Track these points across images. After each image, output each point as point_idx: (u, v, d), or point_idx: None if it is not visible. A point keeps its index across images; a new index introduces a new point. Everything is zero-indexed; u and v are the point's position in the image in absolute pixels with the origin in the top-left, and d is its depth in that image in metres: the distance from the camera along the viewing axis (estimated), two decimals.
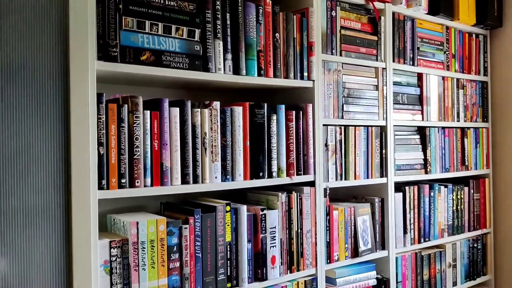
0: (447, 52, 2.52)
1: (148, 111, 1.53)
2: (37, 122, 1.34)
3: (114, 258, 1.47)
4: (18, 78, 1.30)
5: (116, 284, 1.47)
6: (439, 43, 2.48)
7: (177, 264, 1.59)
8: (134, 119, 1.50)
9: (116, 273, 1.47)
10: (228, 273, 1.70)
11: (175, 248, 1.58)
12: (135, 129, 1.50)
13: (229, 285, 1.70)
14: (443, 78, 2.50)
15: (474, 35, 2.69)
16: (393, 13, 2.24)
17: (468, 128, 2.65)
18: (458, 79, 2.59)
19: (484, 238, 2.74)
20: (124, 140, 1.48)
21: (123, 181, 1.48)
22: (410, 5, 2.30)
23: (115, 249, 1.47)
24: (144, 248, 1.51)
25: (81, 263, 1.38)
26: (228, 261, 1.70)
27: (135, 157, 1.50)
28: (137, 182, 1.51)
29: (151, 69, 1.51)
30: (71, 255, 1.38)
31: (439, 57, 2.48)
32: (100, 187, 1.43)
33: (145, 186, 1.53)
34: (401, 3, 2.25)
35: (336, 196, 2.27)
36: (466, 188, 2.62)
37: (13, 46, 1.30)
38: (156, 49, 1.52)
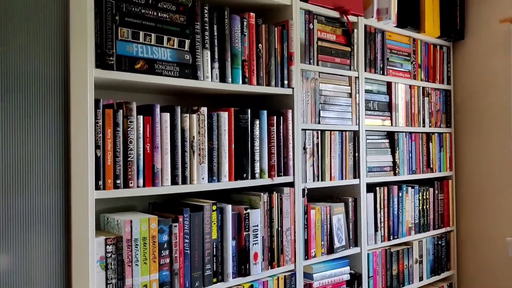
0: (414, 63, 2.69)
1: (141, 116, 1.63)
2: (39, 127, 1.42)
3: (109, 255, 1.55)
4: (21, 85, 1.38)
5: (111, 279, 1.55)
6: (407, 54, 2.65)
7: (167, 260, 1.68)
8: (129, 123, 1.60)
9: (111, 268, 1.56)
10: (214, 269, 1.80)
11: (165, 245, 1.68)
12: (129, 133, 1.60)
13: (215, 280, 1.80)
14: (410, 86, 2.67)
15: (438, 47, 2.88)
16: (365, 26, 2.40)
17: (433, 133, 2.83)
18: (423, 88, 2.77)
19: (448, 235, 2.92)
20: (119, 143, 1.57)
21: (118, 182, 1.57)
22: (380, 18, 2.46)
23: (110, 246, 1.56)
24: (137, 245, 1.60)
25: (79, 259, 1.46)
26: (214, 258, 1.80)
27: (129, 159, 1.59)
28: (131, 182, 1.60)
29: (144, 77, 1.61)
30: (70, 252, 1.46)
31: (407, 67, 2.65)
32: (97, 188, 1.51)
33: (138, 186, 1.62)
34: (372, 17, 2.41)
35: (313, 196, 2.40)
36: (431, 189, 2.80)
37: (17, 56, 1.38)
38: (149, 58, 1.62)
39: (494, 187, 2.82)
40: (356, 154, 2.35)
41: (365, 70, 2.39)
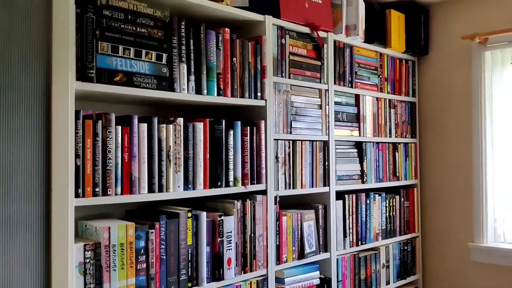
0: (380, 76, 2.83)
1: (120, 127, 1.69)
2: (21, 137, 1.47)
3: (87, 260, 1.60)
4: (5, 96, 1.44)
5: (90, 283, 1.60)
6: (374, 68, 2.78)
7: (144, 265, 1.74)
8: (107, 133, 1.66)
9: (89, 273, 1.61)
10: (189, 274, 1.87)
11: (142, 251, 1.74)
12: (108, 142, 1.66)
13: (190, 284, 1.87)
14: (377, 98, 2.80)
15: (404, 61, 3.02)
16: (335, 41, 2.51)
17: (399, 143, 2.96)
18: (390, 100, 2.90)
19: (413, 241, 3.05)
20: (98, 152, 1.63)
21: (97, 189, 1.62)
22: (349, 34, 2.59)
23: (89, 251, 1.61)
24: (115, 251, 1.66)
25: (59, 265, 1.51)
26: (189, 263, 1.87)
27: (107, 168, 1.65)
28: (109, 190, 1.66)
29: (123, 89, 1.68)
30: (50, 257, 1.51)
31: (374, 80, 2.78)
32: (77, 195, 1.57)
33: (116, 194, 1.68)
34: (341, 33, 2.53)
35: (285, 203, 2.48)
36: (397, 197, 2.92)
37: (0, 69, 1.43)
38: (128, 71, 1.69)
39: (456, 195, 2.97)
40: (326, 163, 2.45)
41: (335, 83, 2.51)
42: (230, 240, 2.00)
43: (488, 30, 2.77)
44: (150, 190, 1.77)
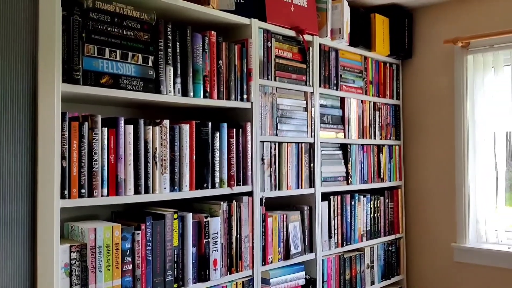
0: (365, 79, 2.87)
1: (106, 128, 1.70)
2: (7, 138, 1.47)
3: (73, 261, 1.61)
4: None
5: (75, 285, 1.61)
6: (359, 71, 2.82)
7: (130, 266, 1.75)
8: (93, 135, 1.67)
9: (75, 275, 1.61)
10: (175, 275, 1.88)
11: (128, 252, 1.75)
12: (94, 144, 1.67)
13: (176, 285, 1.88)
14: (362, 101, 2.84)
15: (388, 64, 3.07)
16: (320, 45, 2.55)
17: (383, 145, 3.00)
18: (374, 103, 2.94)
19: (398, 242, 3.09)
20: (84, 154, 1.64)
21: (83, 191, 1.63)
22: (334, 38, 2.62)
23: (75, 253, 1.62)
24: (101, 252, 1.67)
25: (44, 266, 1.52)
26: (175, 264, 1.88)
27: (93, 169, 1.66)
28: (95, 192, 1.67)
29: (109, 91, 1.69)
30: (35, 259, 1.51)
31: (359, 83, 2.82)
32: (63, 197, 1.57)
33: (102, 195, 1.69)
34: (326, 36, 2.57)
35: (271, 204, 2.51)
36: (382, 198, 2.96)
37: None
38: (114, 73, 1.70)
39: (440, 196, 3.02)
40: (312, 164, 2.48)
41: (320, 86, 2.54)
42: (216, 241, 2.01)
43: (470, 34, 2.82)
44: (136, 191, 1.78)
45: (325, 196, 2.58)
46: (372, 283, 2.85)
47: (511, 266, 2.69)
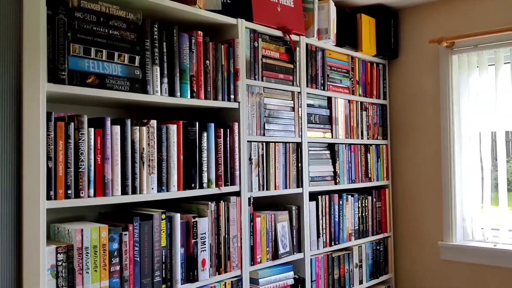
0: (352, 79, 2.88)
1: (92, 129, 1.69)
2: None
3: (60, 263, 1.60)
4: None
5: (62, 287, 1.59)
6: (346, 71, 2.84)
7: (118, 267, 1.74)
8: (80, 135, 1.65)
9: (61, 276, 1.60)
10: (163, 275, 1.87)
11: (115, 253, 1.74)
12: (81, 145, 1.65)
13: (164, 286, 1.87)
14: (349, 101, 2.85)
15: (375, 64, 3.09)
16: (307, 45, 2.56)
17: (371, 144, 3.02)
18: (361, 102, 2.95)
19: (385, 241, 3.11)
20: (70, 154, 1.62)
21: (69, 192, 1.62)
22: (321, 38, 2.64)
23: (61, 254, 1.60)
24: (88, 253, 1.65)
25: (30, 268, 1.50)
26: (163, 264, 1.88)
27: (80, 170, 1.65)
28: (82, 193, 1.65)
29: (95, 91, 1.68)
30: (21, 260, 1.50)
31: (346, 83, 2.83)
32: (49, 198, 1.56)
33: (88, 196, 1.67)
34: (313, 36, 2.58)
35: (258, 204, 2.51)
36: (369, 197, 2.98)
37: None
38: (100, 73, 1.69)
39: (426, 195, 3.04)
40: (299, 164, 2.49)
41: (307, 86, 2.55)
42: (204, 242, 2.01)
43: (455, 34, 2.85)
44: (124, 192, 1.77)
45: (313, 196, 2.59)
46: (361, 282, 2.87)
47: (497, 263, 2.72)
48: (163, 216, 1.88)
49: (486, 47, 2.78)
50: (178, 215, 1.92)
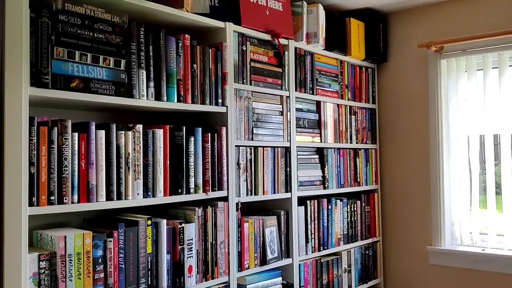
0: (341, 83, 2.87)
1: (76, 133, 1.66)
2: None
3: (42, 271, 1.56)
4: None
5: None
6: (334, 75, 2.83)
7: (102, 275, 1.71)
8: (63, 140, 1.62)
9: (44, 284, 1.56)
10: (149, 282, 1.84)
11: (100, 260, 1.70)
12: (64, 150, 1.62)
13: None
14: (338, 105, 2.85)
15: (364, 69, 3.08)
16: (295, 49, 2.54)
17: (360, 149, 3.01)
18: (350, 107, 2.95)
19: (375, 245, 3.11)
20: (53, 160, 1.59)
21: (52, 198, 1.58)
22: (309, 42, 2.63)
23: (44, 262, 1.57)
24: (71, 260, 1.62)
25: (11, 276, 1.46)
26: (149, 271, 1.85)
27: (63, 175, 1.62)
28: (65, 199, 1.62)
29: (80, 95, 1.65)
30: (2, 268, 1.46)
31: (335, 87, 2.83)
32: (31, 204, 1.52)
33: (72, 202, 1.64)
34: (302, 40, 2.57)
35: (247, 209, 2.49)
36: (358, 202, 2.97)
37: None
38: (85, 76, 1.66)
39: (415, 199, 3.04)
40: (288, 169, 2.47)
41: (296, 90, 2.53)
42: (191, 248, 1.98)
43: (444, 39, 2.86)
44: (109, 197, 1.74)
45: (302, 201, 2.57)
46: (350, 287, 2.85)
47: (486, 267, 2.73)
48: (149, 222, 1.85)
49: (474, 51, 2.79)
50: (164, 221, 1.89)
